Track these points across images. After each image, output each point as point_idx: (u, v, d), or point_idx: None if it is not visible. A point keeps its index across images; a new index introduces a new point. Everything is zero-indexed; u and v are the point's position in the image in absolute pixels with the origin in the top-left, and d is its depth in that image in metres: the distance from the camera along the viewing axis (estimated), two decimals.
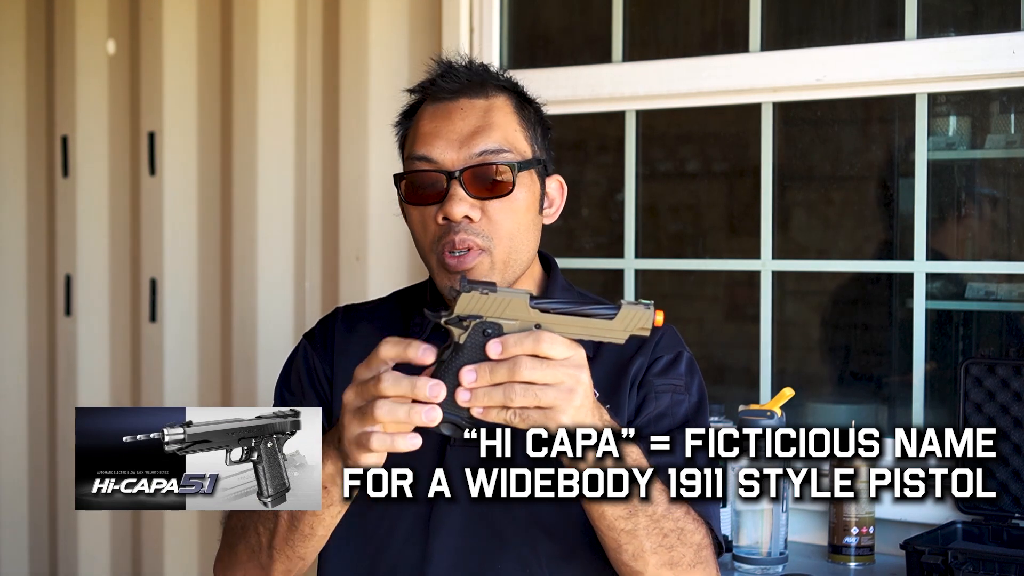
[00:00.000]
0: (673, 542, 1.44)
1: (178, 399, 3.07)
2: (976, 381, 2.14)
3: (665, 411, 1.61)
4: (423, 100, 1.65)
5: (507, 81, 1.67)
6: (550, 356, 1.27)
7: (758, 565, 2.09)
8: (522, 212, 1.60)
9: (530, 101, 1.68)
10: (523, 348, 1.27)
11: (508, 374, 1.26)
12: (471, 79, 1.63)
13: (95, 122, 3.22)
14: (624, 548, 1.42)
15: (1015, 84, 2.22)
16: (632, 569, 1.44)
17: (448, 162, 1.57)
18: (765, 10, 2.44)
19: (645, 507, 1.39)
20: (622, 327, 1.31)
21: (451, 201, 1.55)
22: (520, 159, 1.60)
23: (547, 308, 1.33)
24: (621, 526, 1.40)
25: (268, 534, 1.49)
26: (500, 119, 1.61)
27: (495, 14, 2.67)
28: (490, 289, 1.33)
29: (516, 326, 1.32)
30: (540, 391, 1.26)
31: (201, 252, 3.07)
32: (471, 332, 1.32)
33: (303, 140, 2.91)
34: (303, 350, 1.73)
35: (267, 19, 2.93)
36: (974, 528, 2.10)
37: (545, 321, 1.32)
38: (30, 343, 3.36)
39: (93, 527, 3.24)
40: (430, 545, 1.56)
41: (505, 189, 1.57)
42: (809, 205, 2.66)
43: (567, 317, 1.32)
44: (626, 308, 1.31)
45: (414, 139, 1.62)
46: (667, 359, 1.64)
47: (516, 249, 1.60)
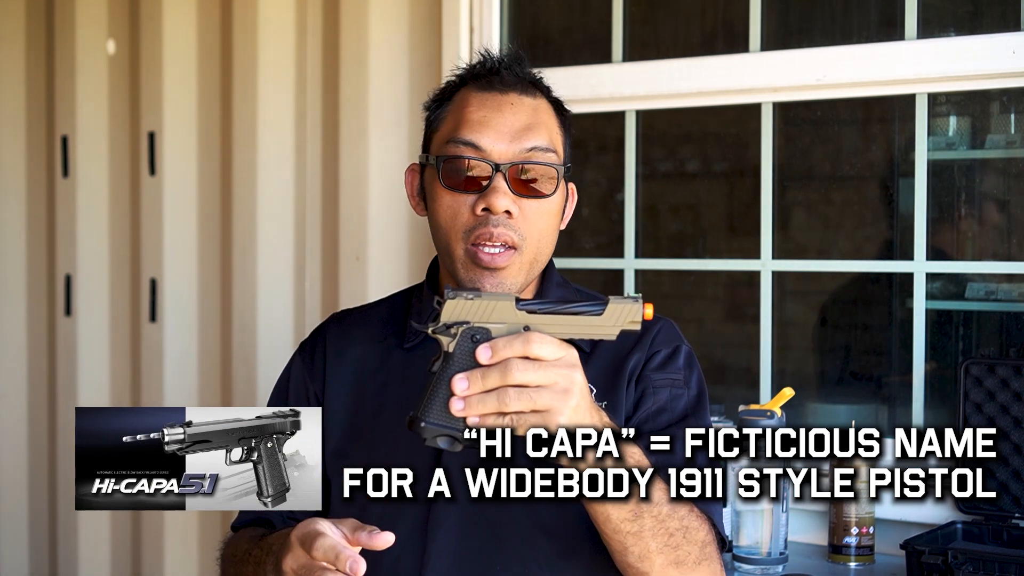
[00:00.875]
0: (679, 541, 1.43)
1: (178, 399, 3.07)
2: (976, 381, 2.14)
3: (664, 406, 1.60)
4: (461, 85, 1.64)
5: (547, 88, 1.68)
6: (541, 357, 1.26)
7: (758, 565, 2.09)
8: (553, 216, 1.60)
9: (565, 109, 1.69)
10: (513, 351, 1.25)
11: (500, 378, 1.24)
12: (523, 75, 1.63)
13: (95, 122, 3.22)
14: (630, 550, 1.41)
15: (1015, 84, 2.22)
16: (638, 571, 1.43)
17: (496, 154, 1.56)
18: (765, 10, 2.44)
19: (649, 507, 1.38)
20: (612, 323, 1.30)
21: (495, 194, 1.53)
22: (561, 163, 1.60)
23: (534, 309, 1.32)
24: (627, 528, 1.39)
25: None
26: (547, 120, 1.61)
27: (495, 14, 2.66)
28: (475, 295, 1.32)
29: (504, 330, 1.31)
30: (534, 393, 1.25)
31: (201, 252, 3.07)
32: (459, 339, 1.31)
33: (303, 140, 2.90)
34: (296, 367, 1.72)
35: (267, 19, 2.93)
36: (974, 528, 2.10)
37: (533, 322, 1.31)
38: (30, 343, 3.36)
39: (93, 527, 3.24)
40: (429, 546, 1.56)
41: (547, 190, 1.57)
42: (809, 205, 2.66)
43: (555, 317, 1.31)
44: (614, 303, 1.30)
45: (457, 123, 1.59)
46: (665, 353, 1.63)
47: (542, 251, 1.60)
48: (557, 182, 1.58)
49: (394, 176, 2.76)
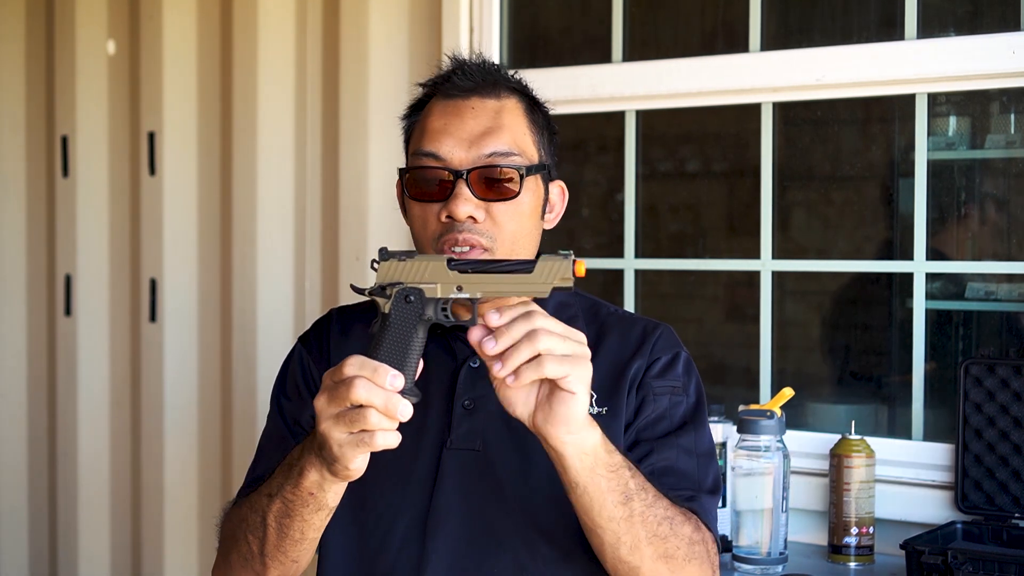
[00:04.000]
0: (666, 532, 1.43)
1: (178, 399, 3.07)
2: (976, 381, 2.14)
3: (663, 413, 1.60)
4: (432, 95, 1.65)
5: (518, 83, 1.67)
6: (549, 330, 1.28)
7: (758, 565, 2.09)
8: (526, 216, 1.60)
9: (540, 105, 1.68)
10: (524, 319, 1.28)
11: (526, 330, 1.27)
12: (484, 78, 1.62)
13: (95, 122, 3.22)
14: (622, 539, 1.41)
15: (1015, 84, 2.22)
16: (629, 565, 1.43)
17: (456, 160, 1.57)
18: (765, 10, 2.44)
19: (636, 491, 1.40)
20: (542, 279, 1.31)
21: (456, 201, 1.54)
22: (528, 163, 1.59)
23: (466, 268, 1.33)
24: (619, 513, 1.39)
25: (259, 543, 1.48)
26: (510, 121, 1.60)
27: (495, 14, 2.66)
28: (408, 256, 1.34)
29: (437, 289, 1.32)
30: (559, 362, 1.27)
31: (201, 252, 3.07)
32: (394, 299, 1.33)
33: (303, 140, 2.91)
34: (298, 354, 1.72)
35: (267, 19, 2.93)
36: (974, 528, 2.10)
37: (465, 281, 1.32)
38: (30, 343, 3.36)
39: (93, 527, 3.24)
40: (427, 547, 1.56)
41: (511, 192, 1.57)
42: (809, 205, 2.66)
43: (487, 275, 1.32)
44: (544, 260, 1.31)
45: (422, 134, 1.61)
46: (665, 360, 1.64)
47: (517, 252, 1.59)
48: (521, 183, 1.57)
49: (394, 176, 2.74)
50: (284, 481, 1.42)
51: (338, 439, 1.29)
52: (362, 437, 1.28)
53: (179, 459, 3.07)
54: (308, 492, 1.38)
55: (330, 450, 1.30)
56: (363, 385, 1.26)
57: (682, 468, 1.57)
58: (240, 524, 1.53)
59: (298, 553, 1.48)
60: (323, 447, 1.31)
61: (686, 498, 1.52)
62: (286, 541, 1.45)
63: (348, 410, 1.28)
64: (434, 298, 1.33)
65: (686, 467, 1.57)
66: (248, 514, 1.51)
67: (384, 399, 1.26)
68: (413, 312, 1.32)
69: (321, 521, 1.43)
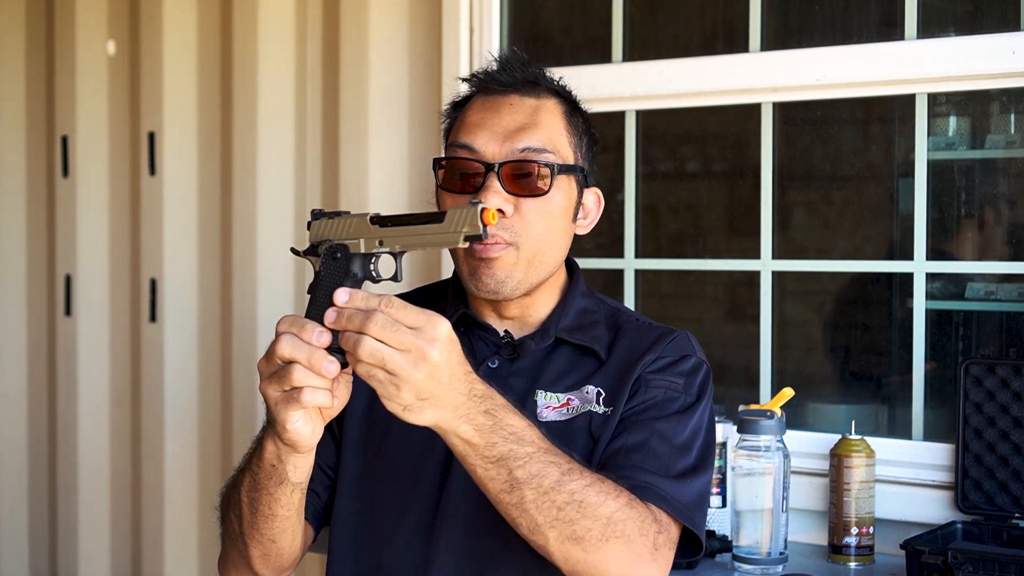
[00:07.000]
0: (572, 515, 1.39)
1: (178, 399, 3.07)
2: (976, 381, 2.14)
3: (653, 404, 1.59)
4: (475, 92, 1.68)
5: (560, 87, 1.69)
6: (400, 320, 1.24)
7: (758, 565, 2.09)
8: (555, 215, 1.60)
9: (581, 111, 1.70)
10: (368, 304, 1.25)
11: (360, 324, 1.24)
12: (525, 77, 1.65)
13: (95, 122, 3.22)
14: (518, 522, 1.40)
15: (1015, 84, 2.22)
16: (535, 543, 1.42)
17: (489, 154, 1.58)
18: (765, 10, 2.44)
19: (528, 480, 1.36)
20: (453, 228, 1.31)
21: (486, 193, 1.56)
22: (561, 162, 1.60)
23: (386, 223, 1.35)
24: (507, 499, 1.37)
25: (238, 520, 1.50)
26: (547, 120, 1.62)
27: (495, 14, 2.66)
28: (337, 215, 1.37)
29: (361, 245, 1.34)
30: (387, 353, 1.23)
31: (201, 252, 3.07)
32: (324, 257, 1.35)
33: (303, 140, 2.91)
34: None
35: (267, 19, 2.93)
36: (974, 528, 2.10)
37: (385, 235, 1.34)
38: (30, 343, 3.36)
39: (93, 527, 3.24)
40: (433, 547, 1.56)
41: (541, 189, 1.58)
42: (809, 205, 2.65)
43: (405, 228, 1.34)
44: (454, 209, 1.32)
45: (459, 127, 1.64)
46: (669, 359, 1.64)
47: (543, 251, 1.60)
48: (552, 180, 1.58)
49: (394, 176, 2.77)
50: (251, 455, 1.45)
51: (273, 397, 1.29)
52: (291, 394, 1.28)
53: (179, 459, 3.07)
54: (270, 464, 1.39)
55: (269, 412, 1.32)
56: (288, 340, 1.27)
57: (654, 447, 1.54)
58: (227, 503, 1.56)
59: (273, 532, 1.48)
60: (268, 412, 1.33)
61: (634, 480, 1.49)
62: (258, 517, 1.46)
63: (279, 367, 1.28)
64: (359, 253, 1.35)
65: (658, 448, 1.54)
66: (231, 492, 1.54)
67: (308, 354, 1.26)
68: (340, 268, 1.35)
69: (287, 497, 1.43)
